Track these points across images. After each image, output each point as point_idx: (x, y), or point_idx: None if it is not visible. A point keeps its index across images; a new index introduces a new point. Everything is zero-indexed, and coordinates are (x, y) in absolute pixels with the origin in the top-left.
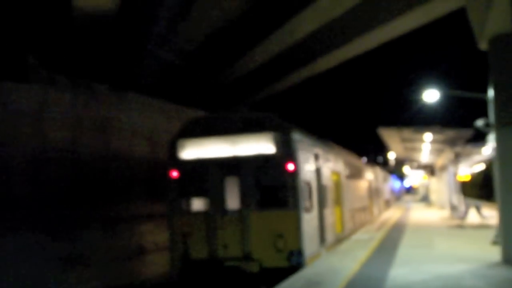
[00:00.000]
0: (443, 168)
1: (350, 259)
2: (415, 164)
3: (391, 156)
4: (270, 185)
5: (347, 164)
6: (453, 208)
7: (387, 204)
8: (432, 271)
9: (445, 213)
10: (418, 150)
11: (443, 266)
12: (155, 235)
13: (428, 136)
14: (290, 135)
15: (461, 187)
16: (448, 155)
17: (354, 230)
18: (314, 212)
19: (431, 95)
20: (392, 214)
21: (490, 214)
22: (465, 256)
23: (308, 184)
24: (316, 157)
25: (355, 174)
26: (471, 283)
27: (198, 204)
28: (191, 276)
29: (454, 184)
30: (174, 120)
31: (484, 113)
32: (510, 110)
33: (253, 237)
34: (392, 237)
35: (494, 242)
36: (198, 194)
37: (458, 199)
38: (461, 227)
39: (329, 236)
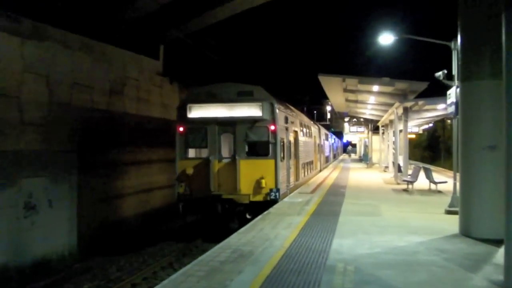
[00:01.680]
0: (389, 125)
1: (285, 225)
2: (357, 120)
3: (329, 109)
4: (256, 140)
5: (301, 124)
6: (399, 170)
7: (327, 161)
8: (381, 244)
9: (389, 175)
10: (362, 103)
11: (393, 237)
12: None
13: (375, 88)
14: (273, 104)
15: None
16: (396, 110)
17: (305, 181)
18: (285, 162)
19: (385, 39)
20: (329, 173)
21: (440, 179)
22: (418, 226)
23: (282, 140)
24: (286, 119)
25: (306, 132)
26: (427, 259)
27: (200, 152)
28: (192, 208)
29: (403, 143)
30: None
31: (445, 67)
32: (480, 62)
33: (241, 178)
34: (331, 201)
35: (449, 211)
36: (200, 145)
37: (404, 161)
38: (408, 192)
39: (292, 181)
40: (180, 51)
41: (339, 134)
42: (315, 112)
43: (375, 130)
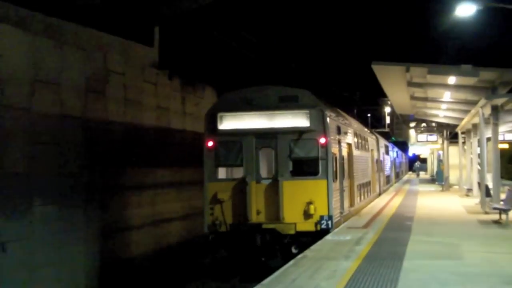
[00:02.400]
0: (472, 131)
1: (327, 274)
2: (427, 125)
3: (387, 111)
4: (303, 156)
5: (356, 134)
6: (488, 194)
7: (387, 182)
8: None
9: (473, 201)
10: (434, 101)
11: None
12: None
13: (451, 80)
14: (323, 111)
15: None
16: (482, 110)
17: (360, 207)
18: (338, 182)
19: (464, 10)
20: (391, 199)
21: None
22: None
23: (334, 156)
24: (338, 129)
25: (362, 144)
26: None
27: (233, 172)
28: (225, 241)
29: (493, 156)
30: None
31: None
32: None
33: (286, 203)
34: (392, 239)
35: None
36: (234, 163)
37: (495, 181)
38: (501, 224)
39: (346, 207)
40: (186, 35)
41: (402, 145)
42: (368, 115)
43: (453, 138)
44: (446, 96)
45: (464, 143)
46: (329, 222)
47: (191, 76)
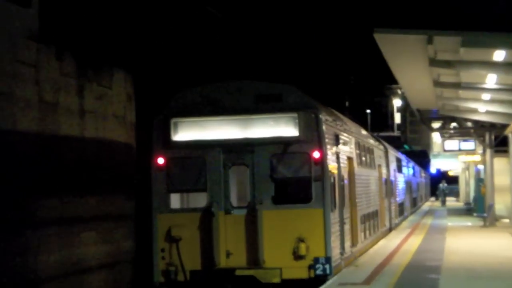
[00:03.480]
0: None
1: None
2: (459, 126)
3: (397, 104)
4: (290, 176)
5: (358, 144)
6: None
7: (401, 212)
8: None
9: None
10: (471, 90)
11: None
12: None
13: (499, 56)
14: (317, 115)
15: None
16: None
17: (365, 248)
18: (337, 212)
19: None
20: (405, 238)
21: None
22: None
23: (332, 175)
24: (336, 138)
25: (366, 158)
26: None
27: (193, 199)
28: None
29: None
30: None
31: None
32: None
33: (266, 241)
34: None
35: None
36: (194, 187)
37: None
38: None
39: (347, 247)
40: None
41: (421, 157)
42: (368, 111)
43: (500, 145)
44: (491, 81)
45: None
46: (327, 266)
47: (93, 54)
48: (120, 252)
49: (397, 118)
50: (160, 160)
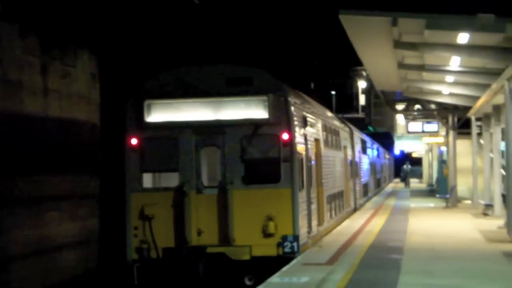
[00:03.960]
0: (492, 117)
1: None
2: (423, 108)
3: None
4: (260, 157)
5: (325, 127)
6: None
7: (365, 192)
8: None
9: (495, 223)
10: (435, 72)
11: None
12: None
13: (462, 39)
14: (287, 98)
15: None
16: (508, 84)
17: (331, 227)
18: (305, 192)
19: None
20: (369, 218)
21: None
22: None
23: (300, 157)
24: (304, 121)
25: (332, 140)
26: None
27: (166, 179)
28: (156, 272)
29: None
30: None
31: None
32: None
33: (236, 219)
34: (373, 282)
35: None
36: (166, 167)
37: None
38: None
39: (314, 226)
40: None
41: (385, 139)
42: (333, 93)
43: (463, 127)
44: (454, 63)
45: (480, 134)
46: (295, 244)
47: (57, 33)
48: (87, 230)
49: (362, 99)
50: (134, 141)
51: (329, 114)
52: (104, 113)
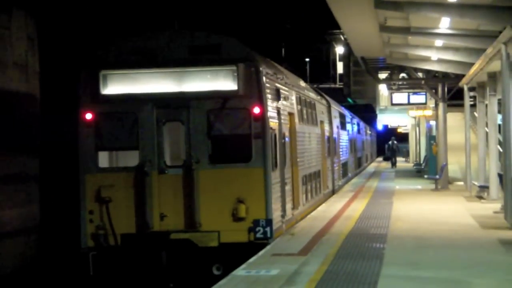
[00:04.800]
0: (487, 86)
1: None
2: (408, 77)
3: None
4: (228, 133)
5: (299, 99)
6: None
7: (345, 173)
8: None
9: (491, 206)
10: (422, 35)
11: None
12: None
13: None
14: (258, 68)
15: None
16: (506, 47)
17: (306, 211)
18: (278, 172)
19: None
20: (349, 202)
21: None
22: None
23: (273, 133)
24: (277, 93)
25: (308, 114)
26: None
27: (124, 158)
28: (114, 261)
29: None
30: None
31: None
32: None
33: (203, 202)
34: (351, 274)
35: None
36: (125, 144)
37: None
38: None
39: (288, 209)
40: None
41: (366, 113)
42: (307, 60)
43: (454, 99)
44: (444, 25)
45: (473, 106)
46: (268, 229)
47: None
48: (26, 217)
49: (340, 68)
50: (88, 116)
51: (304, 85)
52: (46, 83)
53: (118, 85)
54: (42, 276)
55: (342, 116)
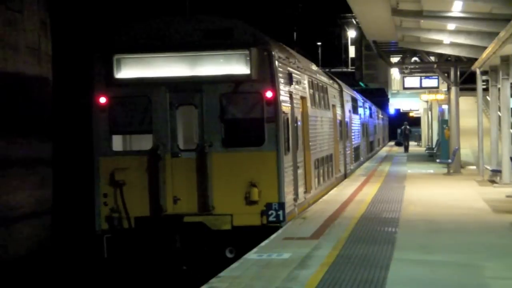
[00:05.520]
0: (500, 70)
1: None
2: (420, 61)
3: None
4: (241, 116)
5: (311, 83)
6: None
7: (357, 157)
8: None
9: (503, 190)
10: (434, 18)
11: None
12: None
13: None
14: (270, 52)
15: None
16: None
17: (319, 195)
18: (290, 155)
19: None
20: (360, 186)
21: None
22: None
23: (285, 117)
24: (289, 77)
25: (320, 98)
26: None
27: (138, 142)
28: (128, 244)
29: None
30: None
31: None
32: None
33: (216, 186)
34: (362, 258)
35: None
36: (138, 128)
37: None
38: None
39: (300, 192)
40: None
41: (378, 97)
42: (319, 44)
43: (466, 82)
44: (456, 8)
45: (486, 90)
46: (280, 213)
47: None
48: (39, 200)
49: (352, 51)
50: (102, 99)
51: (316, 69)
52: (58, 67)
53: (131, 69)
54: (56, 259)
55: (354, 100)
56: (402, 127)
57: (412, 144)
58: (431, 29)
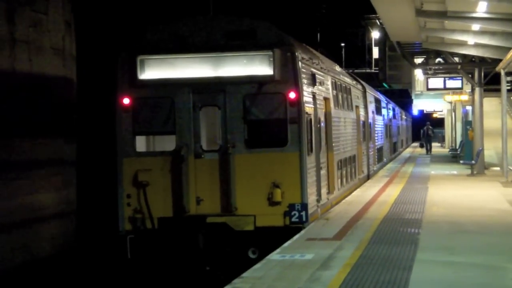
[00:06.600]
0: None
1: None
2: (444, 61)
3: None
4: (264, 117)
5: (335, 84)
6: None
7: (380, 158)
8: None
9: None
10: (459, 18)
11: None
12: None
13: None
14: (294, 53)
15: None
16: None
17: (341, 196)
18: (313, 156)
19: None
20: (383, 187)
21: None
22: None
23: (308, 118)
24: (313, 78)
25: (343, 98)
26: None
27: (161, 143)
28: (152, 244)
29: None
30: None
31: None
32: None
33: (239, 186)
34: (385, 259)
35: None
36: (162, 129)
37: None
38: None
39: (323, 193)
40: None
41: (401, 98)
42: (342, 45)
43: (491, 83)
44: (481, 9)
45: (510, 91)
46: (303, 214)
47: None
48: (63, 201)
49: (375, 52)
50: (126, 100)
51: (339, 70)
52: (82, 68)
53: (155, 70)
54: (79, 259)
55: (377, 101)
56: (424, 128)
57: (435, 145)
58: (455, 30)
